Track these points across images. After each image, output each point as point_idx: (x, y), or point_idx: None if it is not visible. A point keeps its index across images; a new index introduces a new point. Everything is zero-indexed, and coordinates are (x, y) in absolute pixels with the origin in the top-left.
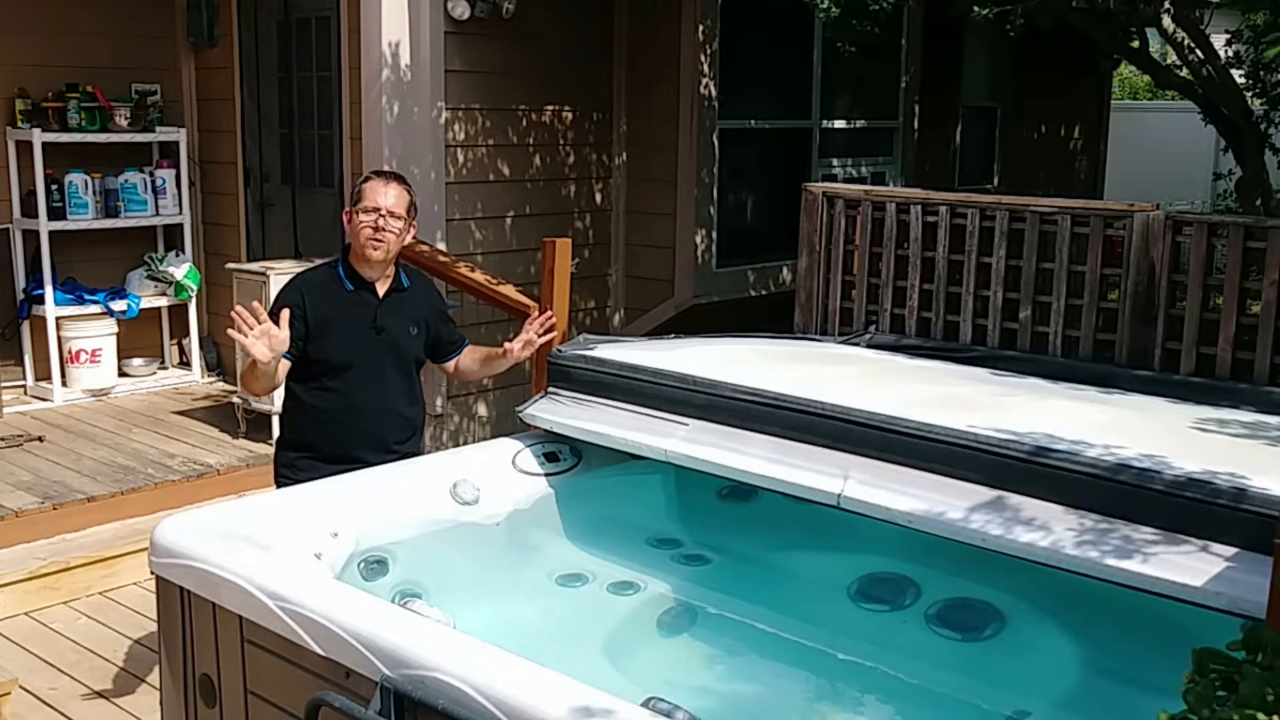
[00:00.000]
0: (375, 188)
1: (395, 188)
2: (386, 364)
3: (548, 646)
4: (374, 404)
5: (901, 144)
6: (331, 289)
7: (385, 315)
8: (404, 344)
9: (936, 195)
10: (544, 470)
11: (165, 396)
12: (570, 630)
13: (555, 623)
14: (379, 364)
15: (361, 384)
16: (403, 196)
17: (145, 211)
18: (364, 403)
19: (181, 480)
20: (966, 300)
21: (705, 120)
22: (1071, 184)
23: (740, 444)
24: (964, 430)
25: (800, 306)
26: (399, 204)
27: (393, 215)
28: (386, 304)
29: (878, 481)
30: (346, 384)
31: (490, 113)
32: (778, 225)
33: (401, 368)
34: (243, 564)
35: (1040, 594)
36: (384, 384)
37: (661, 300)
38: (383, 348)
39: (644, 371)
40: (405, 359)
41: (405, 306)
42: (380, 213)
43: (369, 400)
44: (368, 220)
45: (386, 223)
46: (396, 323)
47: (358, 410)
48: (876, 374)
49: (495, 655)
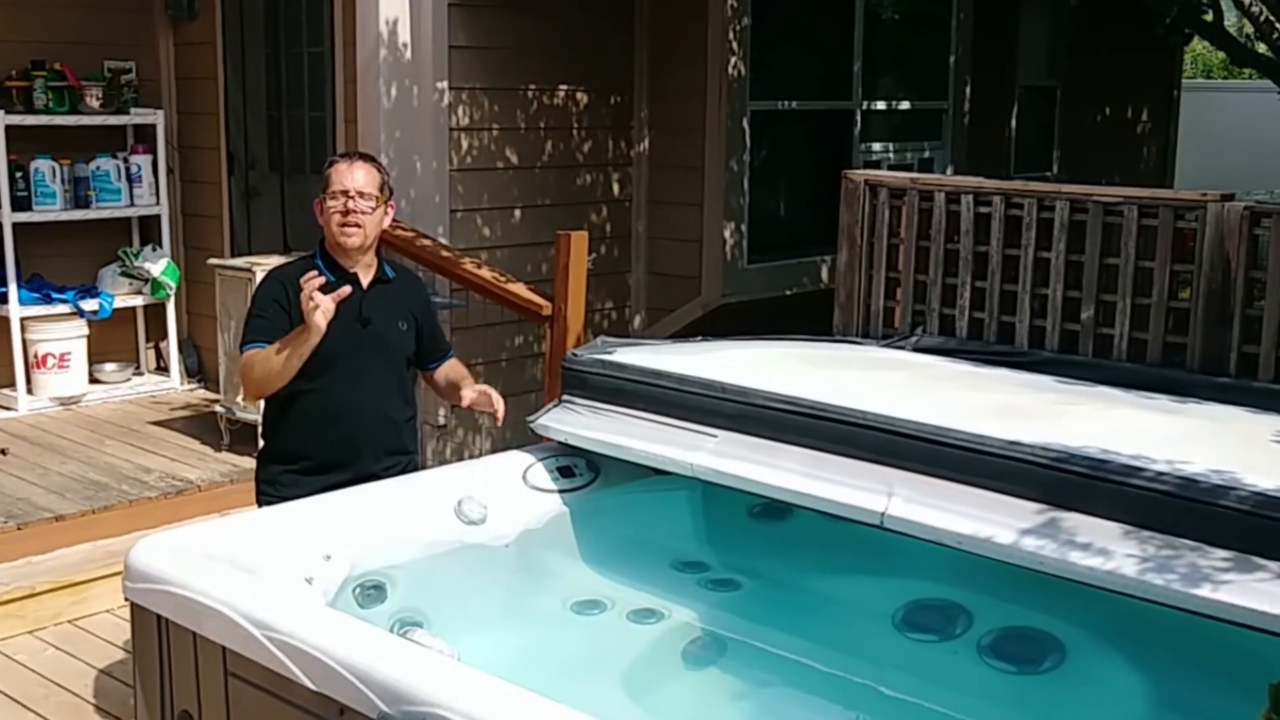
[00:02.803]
0: (340, 170)
1: (363, 167)
2: (373, 360)
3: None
4: (360, 404)
5: (951, 127)
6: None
7: (370, 307)
8: (392, 339)
9: (990, 183)
10: (558, 486)
11: (141, 405)
12: (586, 662)
13: (570, 654)
14: (364, 360)
15: (345, 382)
16: (372, 175)
17: (119, 201)
18: (349, 403)
19: (159, 497)
20: (1023, 299)
21: (735, 101)
22: (1138, 171)
23: (773, 457)
24: (1019, 443)
25: (840, 306)
26: (369, 183)
27: (362, 196)
28: (371, 295)
29: (925, 499)
30: (330, 382)
31: (498, 94)
32: (815, 217)
33: (390, 365)
34: (226, 589)
35: (1102, 622)
36: (370, 382)
37: (687, 299)
38: (369, 342)
39: (667, 377)
40: (394, 356)
41: (392, 299)
42: (349, 195)
43: (354, 400)
44: (336, 205)
45: (357, 204)
46: (383, 315)
47: (342, 411)
48: (923, 380)
49: (504, 690)
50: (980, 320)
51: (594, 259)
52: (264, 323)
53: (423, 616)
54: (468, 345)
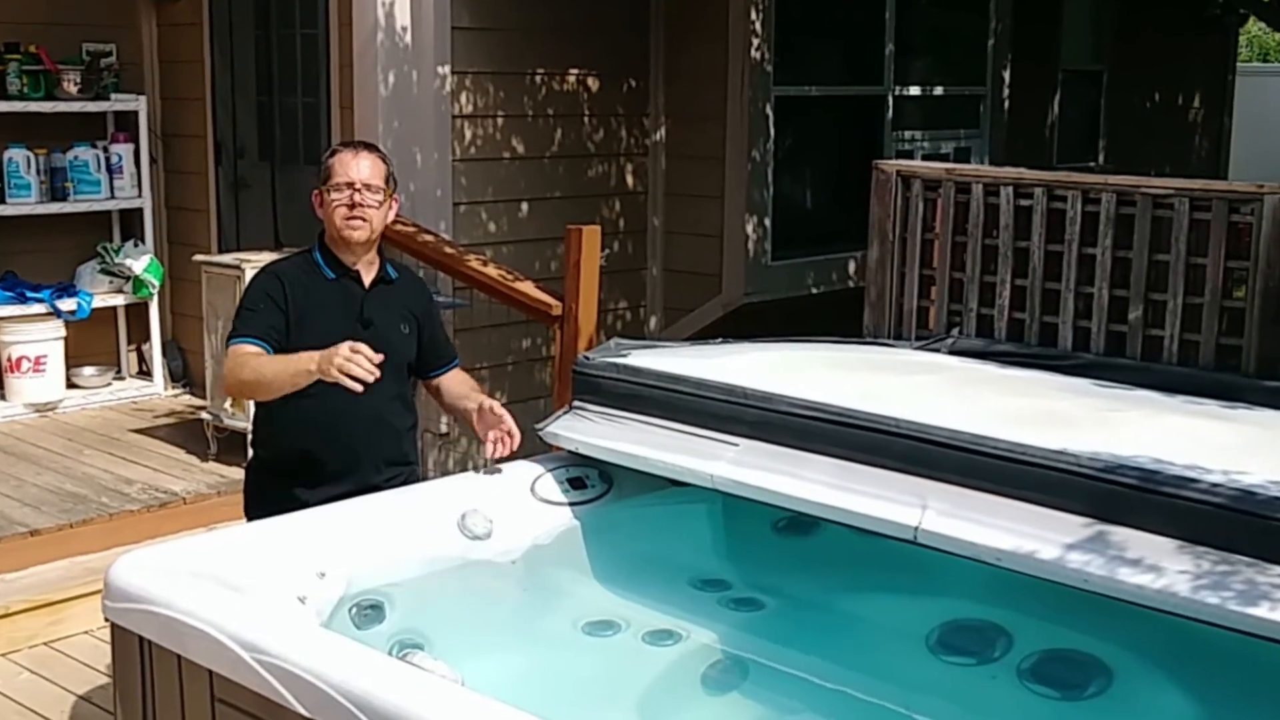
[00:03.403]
0: (344, 160)
1: (368, 157)
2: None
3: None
4: (359, 411)
5: (989, 114)
6: (310, 277)
7: (372, 307)
8: (395, 342)
9: (1031, 174)
10: (568, 499)
11: (122, 412)
12: (599, 687)
13: (581, 678)
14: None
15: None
16: (378, 166)
17: (98, 194)
18: (346, 409)
19: (141, 510)
20: (1066, 298)
21: (758, 86)
22: (1190, 161)
23: (799, 468)
24: (1063, 452)
25: (870, 306)
26: (374, 174)
27: (368, 188)
28: (374, 295)
29: (961, 512)
30: (327, 387)
31: (503, 78)
32: (844, 210)
33: (392, 370)
34: (213, 609)
35: (1151, 644)
36: (373, 389)
37: (706, 299)
38: (369, 345)
39: (686, 382)
40: (396, 360)
41: (394, 299)
42: (354, 187)
43: (352, 406)
44: (341, 198)
45: (363, 197)
46: (385, 317)
47: (339, 418)
48: (960, 385)
49: (510, 718)
50: (1020, 321)
51: (607, 255)
52: (255, 316)
53: (423, 638)
54: (472, 347)
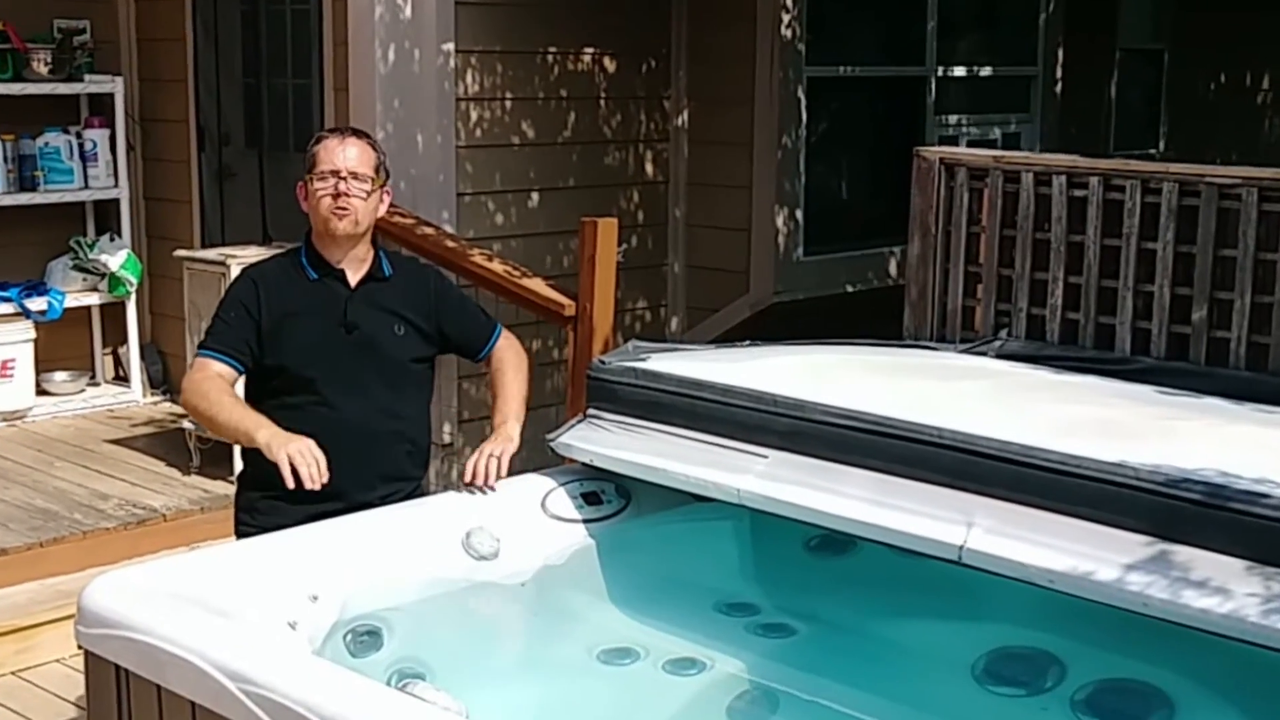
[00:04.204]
0: (330, 147)
1: (356, 144)
2: (364, 372)
3: None
4: (345, 423)
5: (1041, 97)
6: (291, 278)
7: (357, 309)
8: (385, 346)
9: (1086, 162)
10: (582, 515)
11: (97, 420)
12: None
13: (597, 711)
14: (353, 372)
15: (332, 398)
16: (366, 154)
17: (71, 183)
18: (334, 421)
19: (117, 528)
20: (1124, 297)
21: (789, 67)
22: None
23: (834, 482)
24: (1121, 464)
25: (911, 305)
26: (361, 162)
27: (355, 177)
28: (359, 295)
29: (1010, 530)
30: (313, 398)
31: (512, 57)
32: (882, 202)
33: (386, 377)
34: (196, 635)
35: (1217, 673)
36: (362, 398)
37: (733, 298)
38: (356, 351)
39: (710, 389)
40: (390, 366)
41: (385, 298)
42: (340, 175)
43: (341, 419)
44: (325, 187)
45: (349, 186)
46: (372, 318)
47: (325, 431)
48: (1009, 392)
49: None
50: (1074, 322)
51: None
52: (226, 329)
53: (425, 667)
54: None
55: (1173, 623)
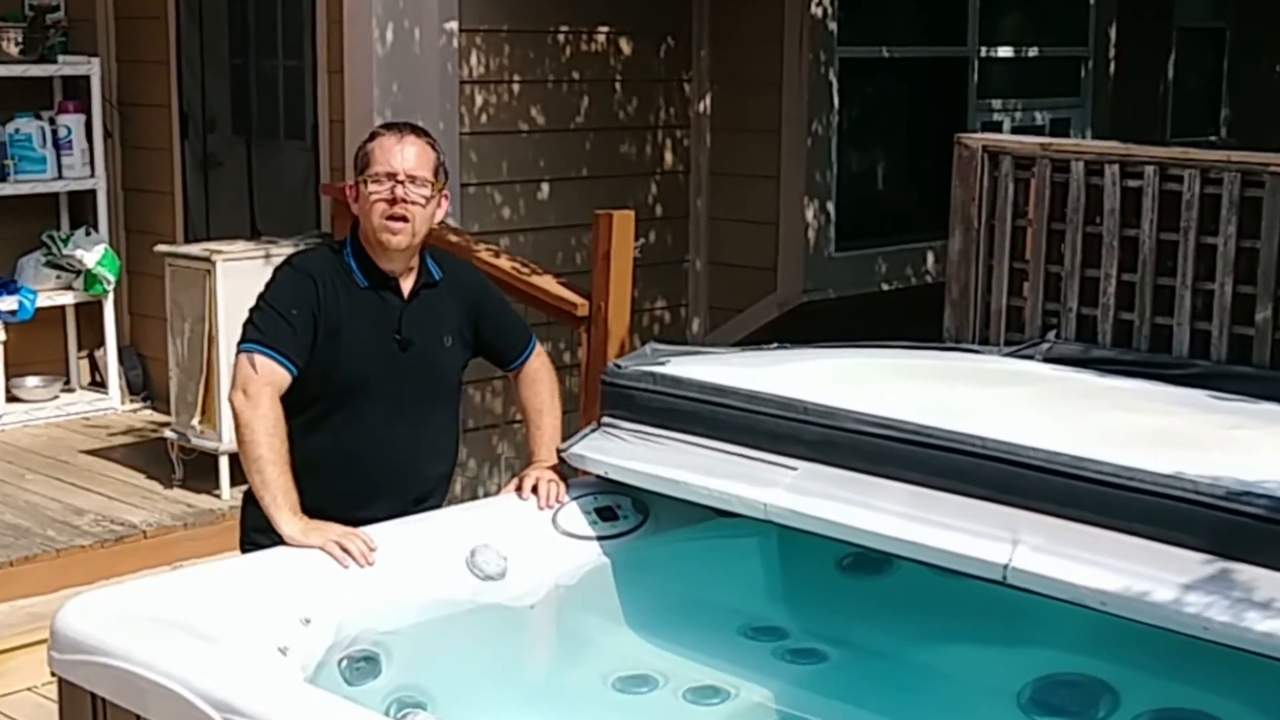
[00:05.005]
0: (386, 146)
1: (415, 143)
2: (412, 391)
3: None
4: (389, 446)
5: (1092, 80)
6: (343, 282)
7: (412, 323)
8: (441, 363)
9: (1141, 150)
10: (596, 532)
11: (72, 429)
12: None
13: None
14: (400, 391)
15: (375, 419)
16: (426, 154)
17: (43, 173)
18: (376, 443)
19: (94, 545)
20: (1182, 296)
21: (820, 47)
22: None
23: (868, 495)
24: (1178, 476)
25: (952, 305)
26: (421, 164)
27: (414, 181)
28: (414, 307)
29: (1059, 548)
30: (354, 418)
31: (521, 37)
32: (920, 193)
33: (430, 396)
34: (179, 661)
35: None
36: (408, 419)
37: (759, 297)
38: (408, 369)
39: (734, 395)
40: (436, 383)
41: (439, 307)
42: (397, 178)
43: (383, 440)
44: (380, 191)
45: (408, 192)
46: (427, 332)
47: (364, 453)
48: (1057, 398)
49: None
50: (1128, 322)
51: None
52: (284, 327)
53: (426, 696)
54: None
55: (1235, 648)
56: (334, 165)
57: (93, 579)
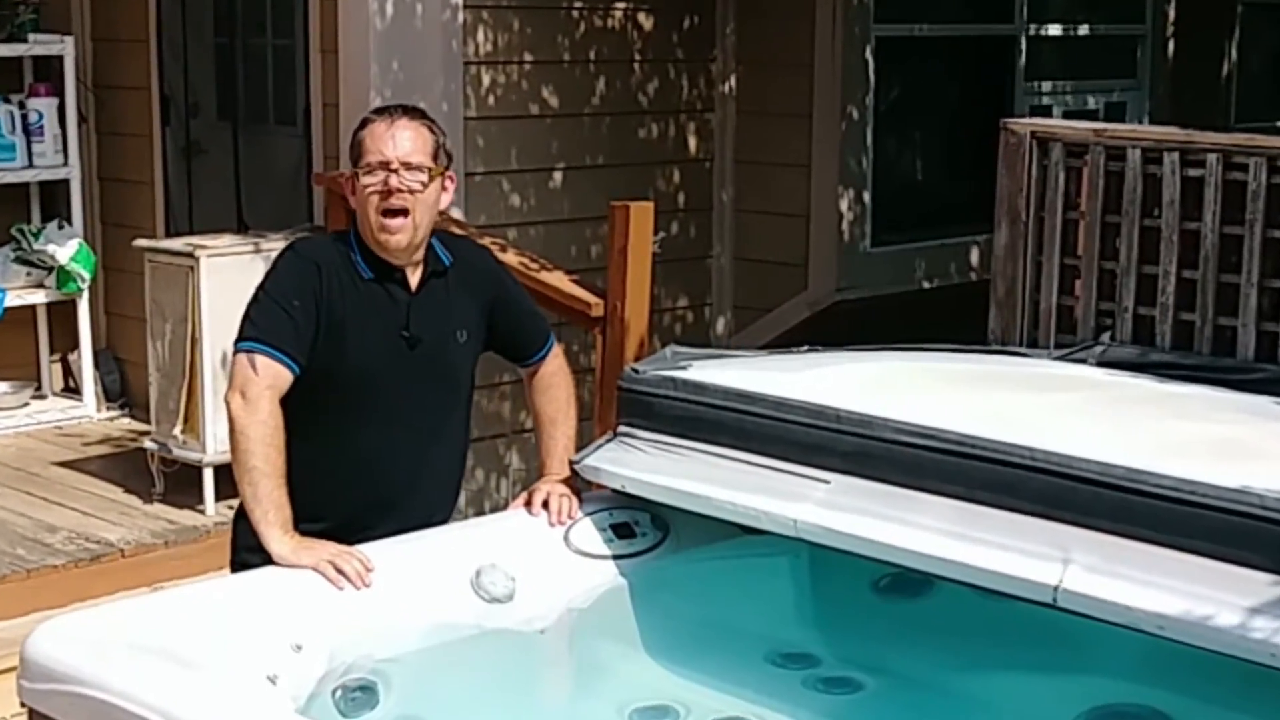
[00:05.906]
0: (377, 134)
1: (408, 126)
2: (420, 392)
3: None
4: (398, 450)
5: (1150, 60)
6: (348, 272)
7: (420, 317)
8: (452, 360)
9: (1203, 137)
10: (612, 550)
11: (43, 439)
12: None
13: None
14: (406, 395)
15: (379, 423)
16: (421, 137)
17: (12, 161)
18: (385, 448)
19: (68, 565)
20: (1247, 295)
21: (855, 25)
22: None
23: (907, 511)
24: (1244, 490)
25: (998, 304)
26: (418, 149)
27: (409, 168)
28: (421, 300)
29: (1113, 567)
30: (356, 422)
31: (531, 13)
32: (963, 183)
33: (441, 398)
34: (159, 691)
35: None
36: (418, 421)
37: (788, 296)
38: (415, 369)
39: (762, 402)
40: (447, 383)
41: (450, 298)
42: (391, 167)
43: (392, 445)
44: (373, 183)
45: (403, 180)
46: (436, 326)
47: (374, 459)
48: (1111, 406)
49: None
50: (1189, 323)
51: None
52: (285, 319)
53: None
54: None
55: None
56: (327, 153)
57: (66, 601)
